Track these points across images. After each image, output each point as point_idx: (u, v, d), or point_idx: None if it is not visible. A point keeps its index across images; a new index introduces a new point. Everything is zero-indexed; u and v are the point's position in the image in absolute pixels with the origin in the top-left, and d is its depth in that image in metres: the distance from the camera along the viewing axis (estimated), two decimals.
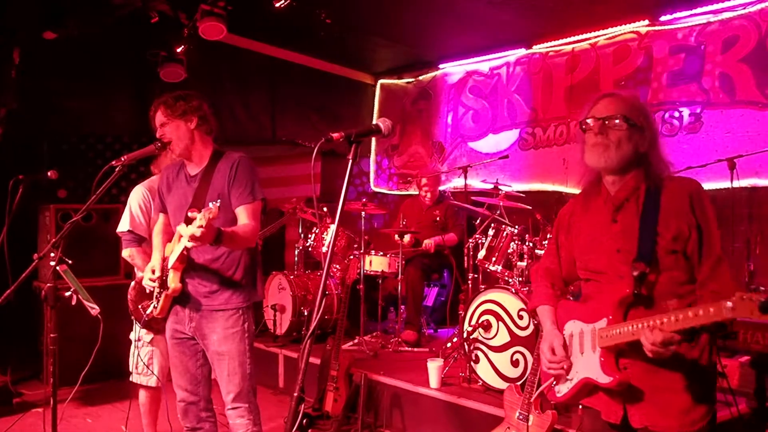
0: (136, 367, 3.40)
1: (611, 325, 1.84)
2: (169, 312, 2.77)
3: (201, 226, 2.25)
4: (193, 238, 2.29)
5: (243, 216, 2.65)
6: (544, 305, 2.14)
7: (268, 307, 5.27)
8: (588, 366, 1.90)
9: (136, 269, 3.33)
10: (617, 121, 1.90)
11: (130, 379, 3.45)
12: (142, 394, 3.52)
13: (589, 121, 1.96)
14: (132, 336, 3.45)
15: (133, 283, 3.18)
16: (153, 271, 2.71)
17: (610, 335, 1.83)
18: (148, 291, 2.81)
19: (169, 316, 2.79)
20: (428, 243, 5.41)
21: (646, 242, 1.86)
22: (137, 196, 3.37)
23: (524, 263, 4.08)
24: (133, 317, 3.26)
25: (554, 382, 2.03)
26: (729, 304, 1.50)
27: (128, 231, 3.32)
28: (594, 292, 2.00)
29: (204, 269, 2.68)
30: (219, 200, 2.33)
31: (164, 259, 2.74)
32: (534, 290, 2.27)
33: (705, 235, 1.86)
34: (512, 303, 3.79)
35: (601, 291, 1.94)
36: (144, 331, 3.32)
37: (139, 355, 3.37)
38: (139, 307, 2.99)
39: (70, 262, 2.75)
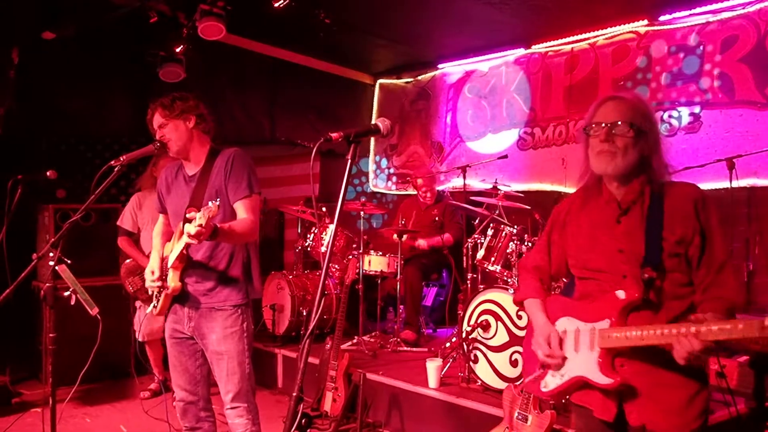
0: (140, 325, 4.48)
1: (615, 327, 1.83)
2: (170, 308, 2.77)
3: (200, 225, 2.25)
4: (190, 236, 2.29)
5: (241, 210, 2.64)
6: (533, 298, 2.13)
7: (267, 307, 5.28)
8: (583, 365, 1.90)
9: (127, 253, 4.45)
10: (624, 128, 1.88)
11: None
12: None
13: (594, 126, 1.93)
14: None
15: (126, 262, 4.32)
16: (153, 273, 2.71)
17: (616, 337, 1.81)
18: (150, 292, 2.82)
19: (168, 315, 2.79)
20: (421, 243, 5.42)
21: (654, 247, 1.85)
22: (130, 201, 4.55)
23: None
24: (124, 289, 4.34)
25: (538, 376, 2.03)
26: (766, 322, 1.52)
27: (118, 225, 4.52)
28: (594, 291, 1.97)
29: (202, 267, 2.68)
30: (218, 198, 2.33)
31: (164, 259, 2.74)
32: (521, 283, 2.26)
33: (708, 240, 1.86)
34: (511, 303, 3.78)
35: (604, 291, 1.92)
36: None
37: (137, 316, 4.51)
38: (127, 281, 4.22)
39: (68, 261, 2.75)
